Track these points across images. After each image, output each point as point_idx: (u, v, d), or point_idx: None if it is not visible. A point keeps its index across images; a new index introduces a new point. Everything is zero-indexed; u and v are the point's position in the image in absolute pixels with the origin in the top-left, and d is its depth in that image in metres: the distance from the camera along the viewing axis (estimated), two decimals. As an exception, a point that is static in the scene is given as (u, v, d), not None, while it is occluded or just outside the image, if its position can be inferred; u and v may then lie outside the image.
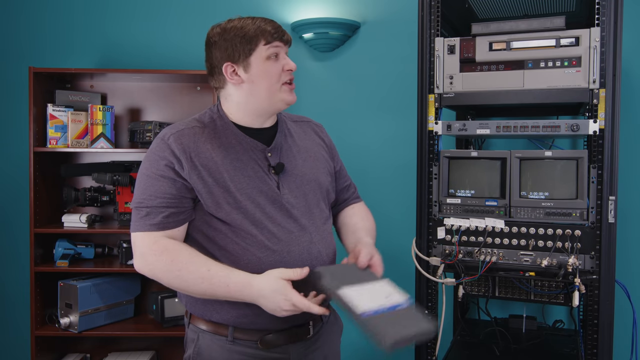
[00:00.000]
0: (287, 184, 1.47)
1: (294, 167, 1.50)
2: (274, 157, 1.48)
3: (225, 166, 1.41)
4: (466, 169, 1.92)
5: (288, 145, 1.53)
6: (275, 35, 1.45)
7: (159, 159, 1.39)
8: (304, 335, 1.49)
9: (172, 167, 1.38)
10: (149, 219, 1.37)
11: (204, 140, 1.42)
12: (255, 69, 1.43)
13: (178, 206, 1.38)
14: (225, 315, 1.42)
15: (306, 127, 1.64)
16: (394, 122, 2.77)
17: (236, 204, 1.39)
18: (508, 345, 2.14)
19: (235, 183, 1.40)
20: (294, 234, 1.44)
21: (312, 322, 1.51)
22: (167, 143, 1.40)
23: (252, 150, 1.46)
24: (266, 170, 1.45)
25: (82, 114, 2.67)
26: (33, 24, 2.95)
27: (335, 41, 2.75)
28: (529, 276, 1.84)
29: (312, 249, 1.46)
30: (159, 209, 1.37)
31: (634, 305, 2.25)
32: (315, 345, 1.53)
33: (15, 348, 2.99)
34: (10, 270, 2.97)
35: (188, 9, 2.90)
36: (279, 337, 1.44)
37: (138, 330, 2.69)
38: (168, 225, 1.38)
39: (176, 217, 1.39)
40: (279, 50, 1.46)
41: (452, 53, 1.91)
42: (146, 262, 1.37)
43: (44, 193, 2.68)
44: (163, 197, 1.37)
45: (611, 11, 1.72)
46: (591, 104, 1.76)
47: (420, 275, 1.95)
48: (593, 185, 1.76)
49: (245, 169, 1.43)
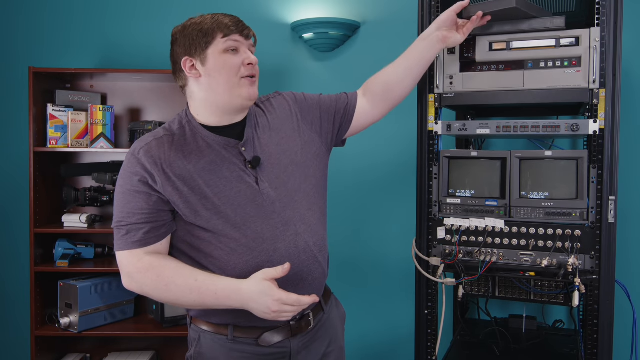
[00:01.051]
0: (266, 175, 1.45)
1: (269, 156, 1.48)
2: (248, 151, 1.46)
3: (199, 172, 1.39)
4: (466, 169, 1.92)
5: (259, 135, 1.50)
6: (232, 28, 1.42)
7: (131, 175, 1.38)
8: (305, 328, 1.49)
9: (146, 182, 1.37)
10: (130, 237, 1.37)
11: (175, 150, 1.40)
12: (212, 62, 1.42)
13: (157, 220, 1.38)
14: (225, 317, 1.43)
15: (269, 105, 1.59)
16: (394, 122, 2.76)
17: (215, 210, 1.38)
18: (508, 345, 2.14)
19: (212, 188, 1.39)
20: (278, 230, 1.42)
21: (312, 314, 1.51)
22: (138, 158, 1.38)
23: (224, 149, 1.44)
24: (243, 167, 1.43)
25: (82, 114, 2.67)
26: (33, 24, 2.95)
27: (335, 41, 2.75)
28: (529, 276, 1.84)
29: (299, 241, 1.44)
30: (138, 226, 1.36)
31: (634, 305, 2.25)
32: (317, 335, 1.53)
33: (15, 348, 2.99)
34: (10, 270, 2.97)
35: (188, 9, 2.89)
36: (278, 334, 1.45)
37: (138, 330, 2.69)
38: (150, 241, 1.38)
39: (157, 231, 1.38)
40: (238, 44, 1.43)
41: (452, 53, 1.91)
42: (133, 281, 1.38)
43: (44, 193, 2.68)
44: (141, 213, 1.36)
45: (611, 11, 1.72)
46: (591, 104, 1.76)
47: (420, 275, 1.95)
48: (593, 185, 1.76)
49: (220, 171, 1.41)
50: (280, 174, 1.47)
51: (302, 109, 1.61)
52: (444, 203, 1.93)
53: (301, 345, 1.49)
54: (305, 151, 1.55)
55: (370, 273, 2.78)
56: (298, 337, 1.48)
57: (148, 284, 1.36)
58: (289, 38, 2.84)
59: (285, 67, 2.84)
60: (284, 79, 2.85)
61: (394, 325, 2.83)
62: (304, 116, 1.60)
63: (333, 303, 1.65)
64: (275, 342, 1.44)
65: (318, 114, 1.63)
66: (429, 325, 1.98)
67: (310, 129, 1.60)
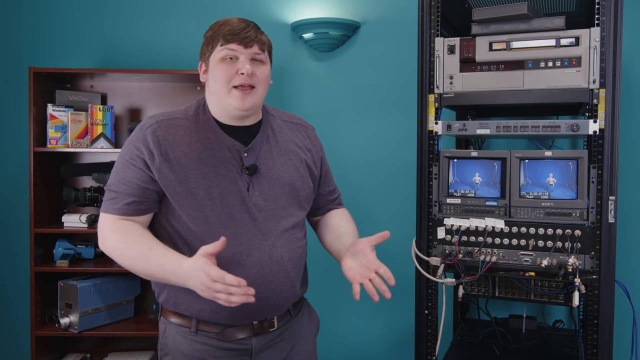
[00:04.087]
0: (259, 185, 1.47)
1: (270, 169, 1.50)
2: (250, 157, 1.48)
3: (199, 162, 1.43)
4: (466, 169, 1.92)
5: (269, 146, 1.52)
6: (228, 37, 1.42)
7: (133, 147, 1.43)
8: (267, 328, 1.51)
9: (143, 159, 1.41)
10: (113, 203, 1.43)
11: (183, 134, 1.45)
12: (211, 69, 1.47)
13: (141, 196, 1.42)
14: (189, 308, 1.46)
15: (295, 128, 1.63)
16: (394, 122, 2.77)
17: (202, 202, 1.42)
18: (508, 345, 2.14)
19: (206, 180, 1.42)
20: (256, 237, 1.45)
21: (277, 317, 1.53)
22: (144, 134, 1.43)
23: (228, 148, 1.46)
24: (239, 171, 1.46)
25: (82, 114, 2.67)
26: (33, 24, 2.95)
27: (335, 41, 2.75)
28: (529, 276, 1.84)
29: (274, 253, 1.46)
30: (123, 195, 1.42)
31: (634, 305, 2.25)
32: (281, 337, 1.55)
33: (15, 348, 2.99)
34: (10, 270, 2.97)
35: (188, 9, 2.90)
36: (239, 331, 1.48)
37: (138, 330, 2.69)
38: (127, 212, 1.42)
39: (137, 205, 1.42)
40: (237, 53, 1.43)
41: (452, 53, 1.91)
42: (102, 240, 1.44)
43: (44, 193, 2.68)
44: (129, 184, 1.42)
45: (611, 11, 1.72)
46: (591, 104, 1.76)
47: (420, 275, 1.95)
48: (593, 185, 1.76)
49: (218, 167, 1.44)
50: (274, 188, 1.50)
51: (316, 152, 1.64)
52: (444, 203, 1.93)
53: (263, 344, 1.52)
54: (306, 182, 1.58)
55: (370, 273, 2.78)
56: (260, 337, 1.51)
57: (111, 245, 1.42)
58: (289, 38, 2.84)
59: (285, 67, 2.84)
60: (284, 79, 2.85)
61: (394, 325, 2.83)
62: (317, 160, 1.64)
63: (305, 309, 1.66)
64: (236, 338, 1.47)
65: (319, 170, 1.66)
66: (429, 325, 1.98)
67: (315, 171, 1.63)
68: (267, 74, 1.50)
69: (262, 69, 1.47)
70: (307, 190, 1.59)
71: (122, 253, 1.41)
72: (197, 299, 1.40)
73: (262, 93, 1.49)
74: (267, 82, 1.50)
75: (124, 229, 1.41)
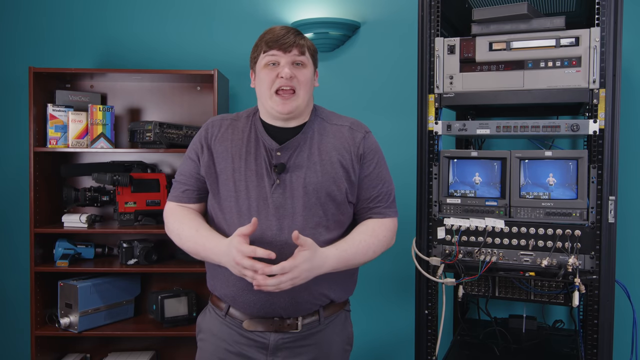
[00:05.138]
0: (284, 184, 1.52)
1: (300, 168, 1.52)
2: (282, 156, 1.54)
3: (236, 157, 1.55)
4: (466, 169, 1.92)
5: (307, 148, 1.55)
6: (270, 44, 1.51)
7: (194, 142, 1.63)
8: (288, 328, 1.54)
9: (196, 152, 1.60)
10: (173, 191, 1.65)
11: (231, 132, 1.59)
12: (257, 75, 1.57)
13: (193, 185, 1.62)
14: (219, 291, 1.59)
15: (341, 131, 1.60)
16: (394, 122, 2.77)
17: (230, 193, 1.54)
18: (508, 345, 2.14)
19: (237, 174, 1.54)
20: (272, 232, 1.49)
21: (302, 319, 1.54)
22: (202, 130, 1.63)
23: (264, 146, 1.56)
24: (268, 167, 1.53)
25: (82, 114, 2.67)
26: (33, 24, 2.95)
27: (335, 41, 2.75)
28: (529, 276, 1.84)
29: (286, 250, 1.45)
30: (180, 185, 1.63)
31: (634, 305, 2.25)
32: (304, 342, 1.55)
33: (15, 348, 2.99)
34: (10, 270, 2.97)
35: (188, 9, 2.89)
36: (260, 324, 1.54)
37: (138, 330, 2.69)
38: (182, 200, 1.63)
39: (190, 194, 1.62)
40: (278, 58, 1.52)
41: (452, 53, 1.91)
42: (165, 224, 1.64)
43: (44, 193, 2.68)
44: (185, 175, 1.63)
45: (611, 11, 1.72)
46: (591, 104, 1.76)
47: (420, 275, 1.95)
48: (593, 185, 1.76)
49: (251, 163, 1.55)
50: (299, 188, 1.51)
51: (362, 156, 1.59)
52: (444, 203, 1.93)
53: (281, 343, 1.53)
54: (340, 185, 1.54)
55: (370, 273, 2.78)
56: (279, 334, 1.53)
57: (169, 227, 1.61)
58: (289, 38, 2.84)
59: (285, 67, 2.84)
60: (284, 79, 2.84)
61: (394, 325, 2.83)
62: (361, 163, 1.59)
63: (340, 320, 1.64)
64: (257, 329, 1.54)
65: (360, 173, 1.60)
66: (429, 325, 1.98)
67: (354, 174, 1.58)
68: (309, 77, 1.56)
69: (303, 72, 1.53)
70: (337, 192, 1.55)
71: (177, 234, 1.58)
72: (225, 284, 1.55)
73: (304, 96, 1.54)
74: (309, 84, 1.56)
75: (179, 214, 1.60)
